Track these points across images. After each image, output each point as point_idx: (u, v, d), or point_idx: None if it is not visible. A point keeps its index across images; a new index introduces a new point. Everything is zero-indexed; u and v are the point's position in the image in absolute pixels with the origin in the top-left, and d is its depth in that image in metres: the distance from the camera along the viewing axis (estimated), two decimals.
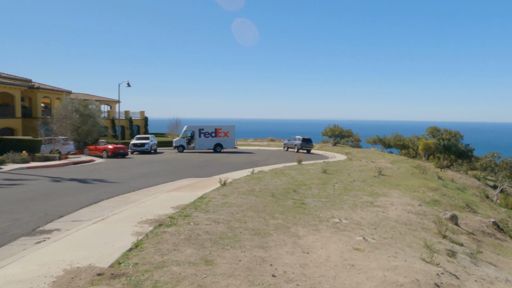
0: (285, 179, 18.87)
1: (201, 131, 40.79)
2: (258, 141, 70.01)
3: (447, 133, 41.67)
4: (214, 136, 40.95)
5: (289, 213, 10.76)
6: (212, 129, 40.99)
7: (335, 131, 53.12)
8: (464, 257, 9.28)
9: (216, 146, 40.99)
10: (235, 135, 42.63)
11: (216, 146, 41.01)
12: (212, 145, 40.93)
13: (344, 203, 13.79)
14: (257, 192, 14.39)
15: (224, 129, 41.51)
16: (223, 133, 41.34)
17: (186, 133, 40.74)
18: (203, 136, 40.73)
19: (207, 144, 40.89)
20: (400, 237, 8.87)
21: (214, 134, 40.97)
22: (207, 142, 40.84)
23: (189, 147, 40.78)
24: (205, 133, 40.84)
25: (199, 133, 40.71)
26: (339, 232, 8.57)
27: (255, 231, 8.11)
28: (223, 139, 41.24)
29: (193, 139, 41.03)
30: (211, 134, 40.95)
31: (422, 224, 11.89)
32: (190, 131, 40.92)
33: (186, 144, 40.60)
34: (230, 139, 41.66)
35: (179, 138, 40.64)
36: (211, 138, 40.91)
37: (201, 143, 40.80)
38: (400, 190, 17.23)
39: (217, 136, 41.04)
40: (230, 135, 41.61)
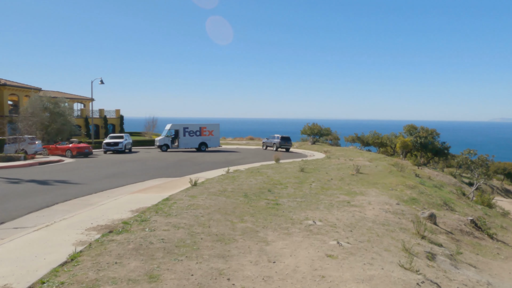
0: (261, 178, 18.12)
1: (186, 130, 39.72)
2: (237, 140, 69.14)
3: (423, 131, 41.91)
4: (199, 134, 40.02)
5: (261, 215, 10.00)
6: (196, 127, 40.04)
7: (314, 129, 52.80)
8: (444, 259, 8.74)
9: (201, 145, 40.05)
10: (219, 134, 41.95)
11: (201, 145, 40.07)
12: (197, 144, 39.97)
13: (320, 203, 13.16)
14: (229, 193, 13.58)
15: (209, 127, 40.72)
16: (208, 132, 40.50)
17: (170, 132, 39.50)
18: (187, 134, 39.69)
19: (191, 143, 39.90)
20: (377, 240, 8.23)
21: (198, 133, 40.03)
22: (191, 141, 39.84)
23: (173, 146, 39.61)
24: (189, 131, 39.81)
25: (184, 131, 39.64)
26: (312, 236, 7.86)
27: (218, 236, 7.30)
28: (208, 137, 40.40)
29: (177, 138, 39.90)
30: (195, 132, 39.97)
31: (400, 224, 11.36)
32: (174, 129, 39.74)
33: (171, 143, 39.43)
34: (215, 138, 40.92)
35: (163, 137, 39.33)
36: (196, 136, 39.94)
37: (186, 142, 39.75)
38: (378, 189, 16.76)
39: (202, 134, 40.14)
40: (215, 134, 40.85)
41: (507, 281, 9.01)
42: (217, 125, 41.37)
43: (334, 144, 52.93)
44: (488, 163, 22.95)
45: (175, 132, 39.56)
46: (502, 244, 13.79)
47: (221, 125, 42.52)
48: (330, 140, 53.80)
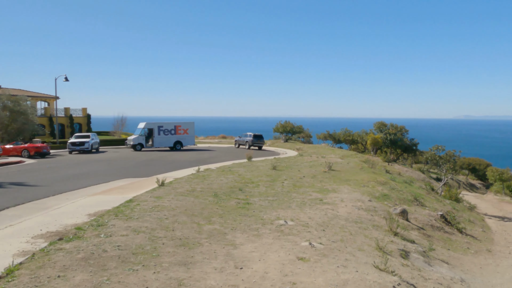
0: (232, 177, 17.59)
1: (160, 128, 38.61)
2: (209, 138, 68.18)
3: (393, 128, 42.66)
4: (174, 133, 39.05)
5: (230, 215, 9.49)
6: (171, 126, 39.01)
7: (287, 127, 52.73)
8: (417, 256, 8.56)
9: (176, 143, 39.09)
10: (194, 132, 41.18)
11: (176, 144, 39.11)
12: (172, 142, 38.96)
13: (292, 201, 12.80)
14: (198, 192, 12.98)
15: (184, 126, 39.86)
16: (183, 130, 39.60)
17: (144, 131, 38.21)
18: (162, 133, 38.61)
19: (166, 141, 38.85)
20: (350, 239, 7.92)
21: (173, 131, 39.04)
22: (166, 139, 38.80)
23: (147, 145, 38.37)
24: (164, 130, 38.72)
25: (158, 130, 38.51)
26: (283, 237, 7.43)
27: (182, 241, 6.73)
28: (182, 136, 39.51)
29: (151, 136, 38.68)
30: (170, 131, 38.94)
31: (373, 222, 11.17)
32: (148, 128, 38.49)
33: (145, 142, 38.16)
34: (190, 136, 40.12)
35: (136, 136, 37.95)
36: (171, 135, 38.94)
37: (160, 141, 38.65)
38: (350, 185, 16.62)
39: (177, 133, 39.20)
40: (190, 132, 40.05)
41: (478, 277, 8.96)
42: (192, 124, 40.69)
43: (306, 141, 53.07)
44: (455, 158, 23.44)
45: (149, 131, 38.45)
46: (471, 239, 13.94)
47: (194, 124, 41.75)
48: (303, 137, 53.88)
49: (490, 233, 16.64)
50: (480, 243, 13.71)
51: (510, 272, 10.05)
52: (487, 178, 41.22)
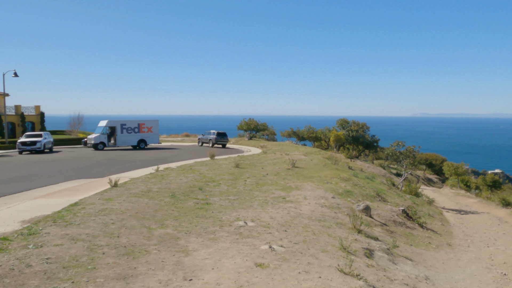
0: (192, 176, 16.81)
1: (123, 127, 36.82)
2: (172, 137, 66.51)
3: (355, 125, 43.36)
4: (137, 131, 37.44)
5: (186, 217, 8.78)
6: (135, 124, 37.38)
7: (251, 124, 52.29)
8: (382, 255, 8.27)
9: (139, 142, 37.49)
10: (159, 130, 39.76)
11: (140, 142, 37.51)
12: (136, 141, 37.33)
13: (254, 200, 12.26)
14: (154, 193, 12.14)
15: (148, 124, 38.39)
16: (147, 128, 38.09)
17: (105, 129, 36.22)
18: (125, 131, 36.85)
19: (130, 140, 37.15)
20: (313, 240, 7.47)
21: (137, 130, 37.42)
22: (129, 138, 37.10)
23: (110, 144, 36.44)
24: (127, 128, 36.98)
25: (121, 128, 36.70)
26: (241, 240, 6.85)
27: (127, 249, 5.97)
28: (146, 134, 38.00)
29: (114, 135, 36.79)
30: (134, 129, 37.28)
31: (336, 219, 10.85)
32: (110, 126, 36.54)
33: (107, 141, 36.19)
34: (154, 135, 38.68)
35: (98, 135, 35.88)
36: (134, 133, 37.28)
37: (124, 140, 36.86)
38: (314, 182, 16.36)
39: (141, 131, 37.62)
40: (154, 130, 38.62)
41: (441, 273, 8.84)
42: (156, 121, 39.35)
43: (270, 139, 52.90)
44: (415, 153, 23.95)
45: (111, 129, 36.66)
46: (431, 233, 14.04)
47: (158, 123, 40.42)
48: (267, 135, 53.67)
49: (449, 226, 16.96)
50: (441, 237, 13.83)
51: (470, 266, 10.07)
52: (443, 172, 42.87)
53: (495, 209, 23.13)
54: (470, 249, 12.49)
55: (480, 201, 27.04)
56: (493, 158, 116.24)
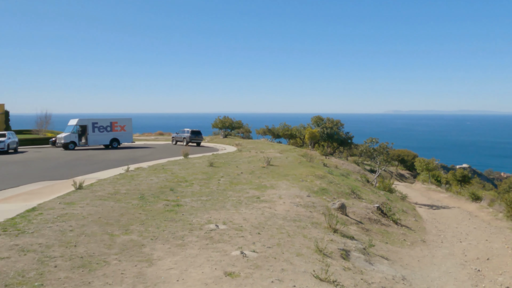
0: (164, 176, 16.20)
1: (95, 125, 35.25)
2: (146, 135, 64.93)
3: (329, 122, 43.59)
4: (110, 130, 35.96)
5: (154, 221, 8.25)
6: (107, 122, 35.86)
7: (225, 122, 51.68)
8: (358, 255, 8.05)
9: (112, 141, 36.05)
10: (132, 129, 38.40)
11: (113, 141, 36.08)
12: (108, 140, 35.86)
13: (227, 200, 11.84)
14: (121, 195, 11.50)
15: (121, 122, 36.92)
16: (120, 127, 36.65)
17: (76, 128, 34.54)
18: (97, 130, 35.31)
19: (102, 139, 35.64)
20: (288, 242, 7.13)
21: (109, 128, 35.94)
22: (102, 137, 35.58)
23: (81, 143, 34.82)
24: (99, 127, 35.44)
25: (93, 127, 35.13)
26: (211, 245, 6.42)
27: (84, 260, 5.43)
28: (120, 133, 36.60)
29: (85, 134, 35.19)
30: (106, 128, 35.78)
31: (312, 219, 10.59)
32: (80, 125, 34.89)
33: (78, 140, 34.54)
34: (128, 133, 37.33)
35: (68, 134, 34.18)
36: (107, 132, 35.79)
37: (96, 139, 35.33)
38: (289, 181, 16.09)
39: (113, 130, 36.17)
40: (127, 129, 37.23)
41: (417, 271, 8.73)
42: (129, 120, 37.99)
43: (246, 137, 52.49)
44: (388, 150, 24.18)
45: (82, 128, 35.09)
46: (406, 229, 14.06)
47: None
48: (242, 133, 53.19)
49: (422, 222, 17.12)
50: (415, 233, 13.87)
51: (445, 263, 10.04)
52: (415, 168, 43.80)
53: (465, 204, 23.69)
54: (443, 245, 12.55)
55: (451, 196, 27.70)
56: (461, 153, 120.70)
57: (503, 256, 11.14)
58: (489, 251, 11.72)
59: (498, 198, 25.27)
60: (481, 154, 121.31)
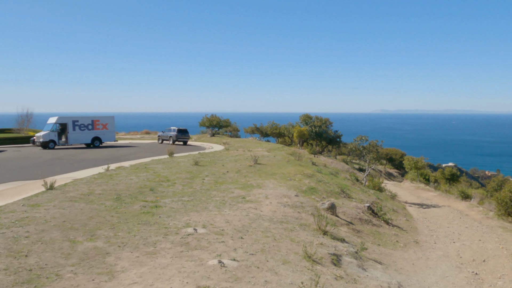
0: (145, 175, 15.35)
1: (76, 124, 34.03)
2: (131, 134, 63.58)
3: (318, 120, 43.09)
4: (92, 128, 34.80)
5: (126, 225, 7.46)
6: (88, 120, 34.69)
7: (213, 121, 50.78)
8: (350, 260, 7.39)
9: (94, 140, 34.89)
10: (114, 127, 37.21)
11: (94, 140, 34.92)
12: (90, 139, 34.70)
13: (211, 200, 11.10)
14: (95, 196, 10.65)
15: (103, 120, 35.73)
16: (102, 125, 35.49)
17: (56, 126, 33.22)
18: (78, 129, 34.11)
19: (83, 138, 34.44)
20: (273, 248, 6.42)
21: (91, 127, 34.76)
22: (83, 135, 34.38)
23: (61, 142, 33.52)
24: (80, 125, 34.24)
25: (73, 125, 33.91)
26: (186, 253, 5.67)
27: (32, 273, 4.63)
28: (101, 131, 35.44)
29: (65, 132, 33.89)
30: (87, 126, 34.60)
31: (300, 220, 9.92)
32: (60, 123, 33.58)
33: (58, 139, 33.21)
34: (110, 132, 36.17)
35: (47, 132, 32.86)
36: (88, 131, 34.61)
37: (76, 137, 34.10)
38: (276, 180, 15.41)
39: (95, 128, 35.01)
40: (110, 127, 36.08)
41: (413, 276, 8.12)
42: (111, 118, 36.86)
43: (233, 135, 51.69)
44: (378, 148, 23.71)
45: (62, 126, 33.82)
46: (398, 230, 13.50)
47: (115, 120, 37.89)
48: (230, 131, 52.38)
49: (413, 222, 16.62)
50: (407, 234, 13.32)
51: (440, 265, 9.47)
52: (403, 166, 43.62)
53: (455, 202, 23.34)
54: (437, 246, 12.01)
55: (440, 194, 27.38)
56: (447, 152, 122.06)
57: (498, 257, 10.65)
58: (484, 252, 11.23)
59: (487, 196, 25.07)
60: (466, 153, 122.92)
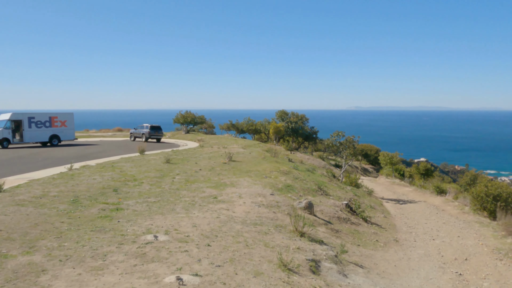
0: (110, 175, 14.26)
1: (32, 120, 31.98)
2: (103, 131, 61.28)
3: (294, 116, 42.64)
4: (49, 126, 32.84)
5: (76, 232, 6.50)
6: (46, 117, 32.73)
7: (187, 117, 49.45)
8: (330, 266, 6.72)
9: (52, 138, 32.96)
10: (74, 125, 35.29)
11: (52, 138, 33.00)
12: (47, 136, 32.75)
13: (179, 201, 10.22)
14: (49, 198, 9.56)
15: (61, 117, 33.84)
16: (60, 122, 33.58)
17: (9, 123, 31.05)
18: (34, 126, 32.09)
19: (40, 135, 32.45)
20: (245, 256, 5.66)
21: (48, 124, 32.79)
22: (40, 133, 32.38)
23: (15, 140, 31.38)
24: (36, 122, 32.21)
25: (29, 122, 31.84)
26: (140, 267, 4.82)
27: None
28: (60, 129, 33.55)
29: (20, 130, 31.77)
30: (44, 123, 32.61)
31: (275, 221, 9.20)
32: (14, 120, 31.41)
33: (12, 137, 31.06)
34: (69, 129, 34.30)
35: (0, 130, 30.67)
36: (45, 128, 32.65)
37: (32, 135, 32.08)
38: (251, 177, 14.66)
39: (53, 126, 33.08)
40: (69, 125, 34.22)
41: (396, 280, 7.55)
42: (70, 114, 35.09)
43: (209, 132, 50.56)
44: (355, 144, 23.38)
45: (17, 124, 31.71)
46: (377, 228, 13.04)
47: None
48: (205, 128, 51.22)
49: (391, 218, 16.29)
50: (386, 231, 12.87)
51: (423, 266, 8.99)
52: (378, 162, 43.84)
53: (430, 197, 23.34)
54: (417, 244, 11.59)
55: (415, 190, 27.43)
56: (418, 147, 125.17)
57: (480, 255, 10.33)
58: (465, 250, 10.89)
59: (462, 191, 25.23)
60: (436, 148, 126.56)
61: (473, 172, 30.04)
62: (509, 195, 16.10)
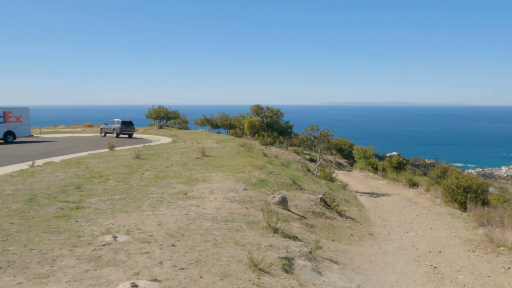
0: (74, 171, 13.44)
1: None
2: (72, 127, 59.02)
3: (269, 111, 42.37)
4: (3, 121, 30.92)
5: (26, 234, 5.87)
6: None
7: (160, 112, 48.27)
8: (304, 263, 6.39)
9: (6, 134, 31.04)
10: (30, 121, 33.39)
11: (7, 135, 31.08)
12: (1, 133, 30.81)
13: (146, 198, 9.66)
14: (2, 198, 8.78)
15: (16, 112, 31.89)
16: (15, 118, 31.67)
17: None
18: None
19: None
20: (212, 257, 5.22)
21: (2, 119, 30.87)
22: None
23: None
24: None
25: None
26: (92, 273, 4.30)
27: None
28: (15, 125, 31.64)
29: None
30: None
31: (248, 217, 8.81)
32: None
33: None
34: (24, 125, 32.42)
35: None
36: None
37: None
38: (224, 172, 14.20)
39: (7, 121, 31.14)
40: (24, 120, 32.33)
41: (372, 275, 7.33)
42: (26, 109, 33.25)
43: (183, 127, 49.55)
44: (329, 138, 23.32)
45: None
46: (351, 221, 12.89)
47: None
48: (179, 124, 50.17)
49: (365, 211, 16.25)
50: (361, 225, 12.75)
51: (398, 260, 8.85)
52: (352, 156, 44.32)
53: (403, 190, 23.61)
54: (391, 237, 11.51)
55: (389, 183, 27.75)
56: (390, 141, 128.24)
57: (453, 247, 10.31)
58: (438, 242, 10.88)
59: (433, 183, 25.71)
60: (407, 143, 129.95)
61: (443, 165, 30.73)
62: (478, 186, 16.39)
